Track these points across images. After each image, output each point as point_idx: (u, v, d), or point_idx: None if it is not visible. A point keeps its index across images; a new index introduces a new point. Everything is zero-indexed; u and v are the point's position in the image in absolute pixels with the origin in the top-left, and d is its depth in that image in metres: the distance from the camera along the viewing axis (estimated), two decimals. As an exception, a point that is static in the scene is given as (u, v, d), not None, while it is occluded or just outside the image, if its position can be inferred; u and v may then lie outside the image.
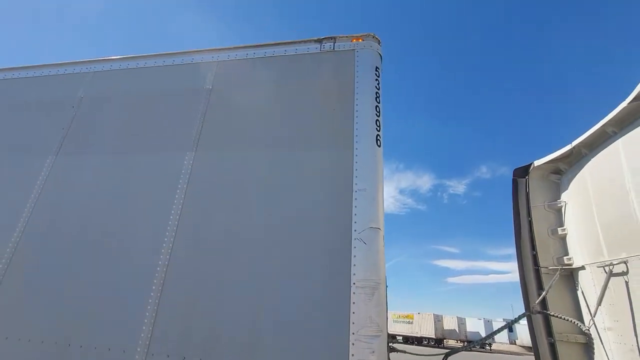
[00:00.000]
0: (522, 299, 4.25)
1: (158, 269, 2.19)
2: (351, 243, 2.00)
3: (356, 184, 2.18)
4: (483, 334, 33.27)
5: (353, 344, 1.77)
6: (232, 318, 1.98)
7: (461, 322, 33.53)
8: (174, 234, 2.29)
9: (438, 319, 32.75)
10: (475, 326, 33.48)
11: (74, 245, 2.41)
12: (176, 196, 2.42)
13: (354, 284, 1.90)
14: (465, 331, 32.92)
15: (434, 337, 31.32)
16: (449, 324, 33.01)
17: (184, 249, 2.24)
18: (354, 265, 1.95)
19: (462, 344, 33.88)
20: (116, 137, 2.82)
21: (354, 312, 1.84)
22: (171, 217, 2.35)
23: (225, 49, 2.96)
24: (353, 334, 1.79)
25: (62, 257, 2.37)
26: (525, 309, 4.12)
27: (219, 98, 2.75)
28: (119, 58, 3.20)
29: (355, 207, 2.11)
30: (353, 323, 1.81)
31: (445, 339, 32.83)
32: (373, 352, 1.74)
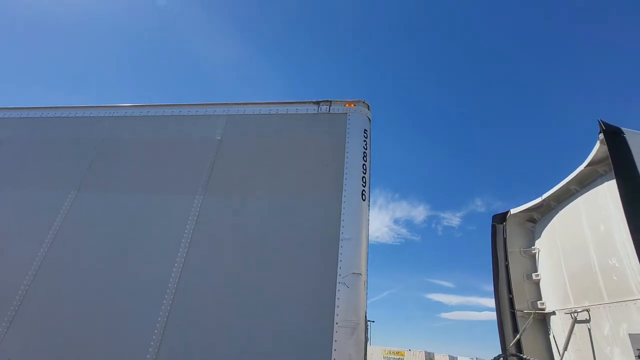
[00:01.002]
0: (499, 340, 4.48)
1: (166, 297, 2.46)
2: (336, 286, 2.31)
3: (342, 232, 2.52)
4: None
5: (333, 378, 2.03)
6: (228, 343, 2.24)
7: (453, 360, 32.62)
8: (181, 266, 2.57)
9: (430, 357, 31.87)
10: (467, 365, 32.51)
11: (91, 271, 2.68)
12: (185, 232, 2.73)
13: (337, 323, 2.19)
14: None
15: (424, 376, 30.32)
16: (441, 362, 32.08)
17: (190, 281, 2.52)
18: (338, 306, 2.24)
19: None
20: (132, 178, 3.16)
21: (335, 350, 2.11)
22: (180, 249, 2.65)
23: (236, 104, 3.39)
24: (334, 369, 2.05)
25: (80, 282, 2.63)
26: (502, 351, 4.34)
27: (227, 148, 3.13)
28: (139, 105, 3.62)
29: (341, 254, 2.43)
30: (334, 359, 2.08)
31: (436, 378, 31.75)
32: (351, 387, 2.00)
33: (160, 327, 2.37)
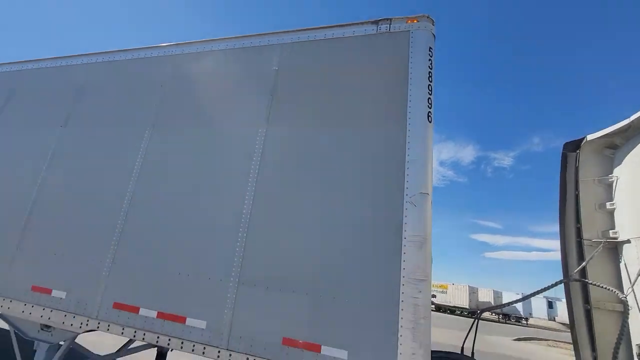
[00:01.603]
0: (561, 269, 4.41)
1: (242, 222, 2.75)
2: (403, 206, 2.38)
3: (409, 155, 2.51)
4: (520, 310, 32.86)
5: (403, 284, 2.20)
6: (302, 262, 2.50)
7: (497, 295, 33.27)
8: (252, 198, 2.80)
9: (473, 291, 32.78)
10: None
11: (172, 206, 3.05)
12: (252, 165, 2.91)
13: (405, 238, 2.30)
14: (501, 304, 32.69)
15: (467, 308, 31.58)
16: (484, 296, 32.93)
17: (261, 211, 2.76)
18: (406, 223, 2.34)
19: (497, 317, 33.79)
20: (198, 113, 3.35)
21: (404, 261, 2.26)
22: (249, 182, 2.87)
23: (289, 31, 3.29)
24: (404, 277, 2.22)
25: (164, 217, 3.02)
26: (565, 278, 4.29)
27: (285, 78, 3.13)
28: (200, 41, 3.66)
29: (408, 175, 2.46)
30: (404, 269, 2.24)
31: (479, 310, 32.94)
32: (420, 291, 2.17)
33: (238, 256, 2.69)
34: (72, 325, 2.94)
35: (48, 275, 3.18)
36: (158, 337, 2.63)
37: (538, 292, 4.57)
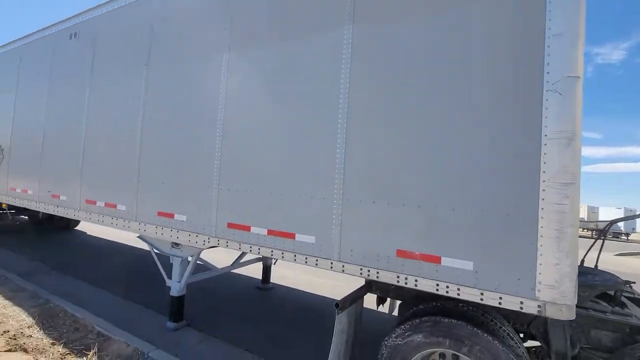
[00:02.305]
0: None
1: (338, 141, 2.56)
2: (543, 96, 1.89)
3: (549, 27, 1.91)
4: (622, 227, 29.58)
5: (544, 190, 1.85)
6: (411, 173, 2.27)
7: (592, 210, 30.12)
8: (347, 106, 2.54)
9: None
10: (611, 217, 29.68)
11: (274, 123, 2.97)
12: (342, 68, 2.58)
13: (546, 135, 1.87)
14: (597, 220, 29.69)
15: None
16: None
17: (358, 118, 2.50)
18: (546, 117, 1.88)
19: (591, 234, 31.14)
20: (282, 24, 3.01)
21: (545, 162, 1.86)
22: (341, 89, 2.58)
23: None
24: (544, 181, 1.85)
25: (266, 134, 2.98)
26: None
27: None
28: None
29: (548, 55, 1.90)
30: (544, 172, 1.86)
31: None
32: (567, 196, 1.80)
33: (339, 172, 2.54)
34: (196, 242, 3.34)
35: (168, 202, 3.57)
36: (272, 251, 2.82)
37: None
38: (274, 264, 5.54)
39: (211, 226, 3.21)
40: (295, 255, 2.69)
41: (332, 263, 2.51)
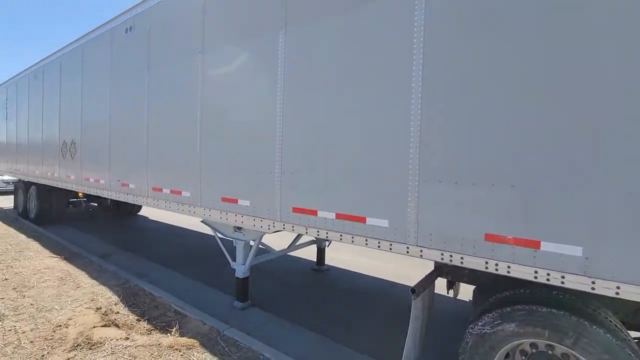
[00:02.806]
0: None
1: (412, 110, 2.37)
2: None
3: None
4: None
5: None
6: (507, 147, 2.04)
7: None
8: (421, 74, 2.33)
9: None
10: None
11: (333, 102, 2.85)
12: (414, 33, 2.35)
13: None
14: None
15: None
16: None
17: (432, 82, 2.28)
18: None
19: None
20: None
21: None
22: (414, 57, 2.36)
23: None
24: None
25: (327, 115, 2.86)
26: None
27: None
28: None
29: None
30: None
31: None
32: None
33: (414, 147, 2.36)
34: (261, 227, 3.38)
35: (230, 188, 3.64)
36: (341, 236, 2.75)
37: None
38: (328, 246, 5.55)
39: (275, 210, 3.22)
40: (366, 240, 2.60)
41: (408, 247, 2.39)
